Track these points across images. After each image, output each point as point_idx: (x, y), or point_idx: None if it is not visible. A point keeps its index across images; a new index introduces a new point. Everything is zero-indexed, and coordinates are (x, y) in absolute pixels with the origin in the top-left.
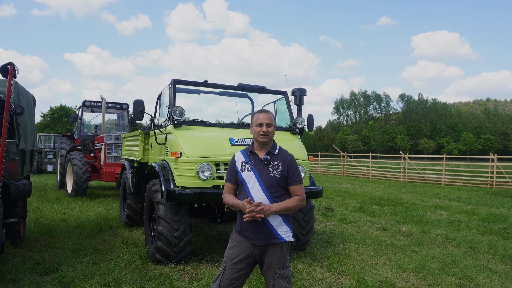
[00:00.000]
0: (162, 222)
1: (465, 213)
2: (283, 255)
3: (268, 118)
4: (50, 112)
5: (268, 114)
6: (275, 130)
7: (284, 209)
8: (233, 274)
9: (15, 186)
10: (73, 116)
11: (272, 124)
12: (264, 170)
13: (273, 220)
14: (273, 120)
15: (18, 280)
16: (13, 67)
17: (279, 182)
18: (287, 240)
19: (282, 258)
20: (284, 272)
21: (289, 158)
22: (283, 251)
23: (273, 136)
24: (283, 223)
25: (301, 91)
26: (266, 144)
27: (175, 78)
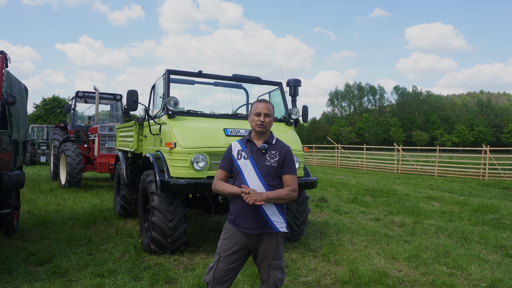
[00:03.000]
0: (156, 212)
1: (458, 204)
2: (278, 246)
3: (267, 108)
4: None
5: (267, 104)
6: (273, 121)
7: (276, 198)
8: (227, 265)
9: (7, 176)
10: (66, 107)
11: (270, 114)
12: (261, 158)
13: (268, 209)
14: (272, 111)
15: (12, 271)
16: (4, 56)
17: (276, 171)
18: (281, 230)
19: (277, 249)
20: (279, 263)
21: (286, 149)
22: (277, 242)
23: (271, 126)
24: (278, 213)
25: (296, 82)
26: (263, 134)
27: (169, 69)
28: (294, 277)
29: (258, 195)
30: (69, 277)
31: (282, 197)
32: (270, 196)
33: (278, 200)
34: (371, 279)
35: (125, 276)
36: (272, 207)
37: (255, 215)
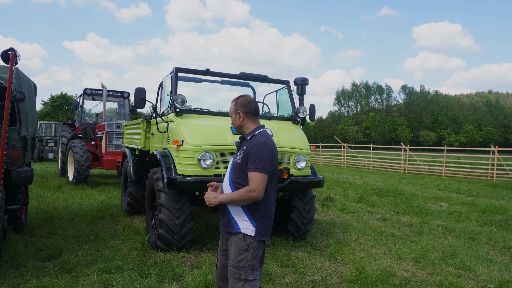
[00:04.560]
0: (163, 210)
1: (465, 204)
2: (237, 251)
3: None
4: (50, 100)
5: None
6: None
7: (229, 200)
8: (222, 261)
9: (16, 172)
10: (74, 104)
11: (229, 114)
12: (236, 155)
13: (232, 208)
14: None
15: (20, 266)
16: (14, 53)
17: (240, 168)
18: (242, 232)
19: (236, 254)
20: (237, 273)
21: (253, 143)
22: (237, 246)
23: (235, 124)
24: (243, 214)
25: (303, 81)
26: (240, 133)
27: (177, 66)
28: (301, 275)
29: (212, 197)
30: (77, 272)
31: (236, 199)
32: (221, 200)
33: (233, 203)
34: (377, 278)
35: (132, 273)
36: (237, 206)
37: (223, 212)
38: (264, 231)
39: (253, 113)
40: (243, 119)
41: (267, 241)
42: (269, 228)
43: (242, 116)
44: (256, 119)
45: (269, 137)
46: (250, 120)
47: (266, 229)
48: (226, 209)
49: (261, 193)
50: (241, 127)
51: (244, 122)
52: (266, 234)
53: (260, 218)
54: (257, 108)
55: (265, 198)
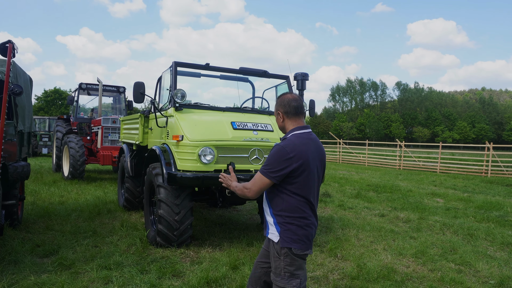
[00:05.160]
0: (163, 205)
1: (462, 200)
2: (272, 257)
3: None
4: (44, 95)
5: None
6: (278, 118)
7: (234, 189)
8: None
9: (13, 167)
10: (69, 99)
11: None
12: None
13: (265, 208)
14: (274, 109)
15: (18, 262)
16: (12, 45)
17: None
18: (269, 237)
19: (272, 260)
20: (275, 280)
21: (274, 147)
22: (271, 252)
23: (278, 126)
24: (270, 217)
25: (303, 76)
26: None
27: (177, 61)
28: None
29: (229, 179)
30: (76, 269)
31: (236, 190)
32: (232, 186)
33: (236, 192)
34: (379, 274)
35: (132, 269)
36: (266, 206)
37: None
38: (290, 238)
39: (294, 112)
40: (283, 120)
41: (295, 249)
42: (299, 235)
43: (282, 116)
44: (298, 120)
45: (296, 141)
46: (291, 121)
47: (293, 236)
48: (264, 210)
49: (252, 194)
50: (283, 129)
51: (285, 123)
52: (295, 242)
53: (284, 223)
54: (299, 107)
55: (289, 203)
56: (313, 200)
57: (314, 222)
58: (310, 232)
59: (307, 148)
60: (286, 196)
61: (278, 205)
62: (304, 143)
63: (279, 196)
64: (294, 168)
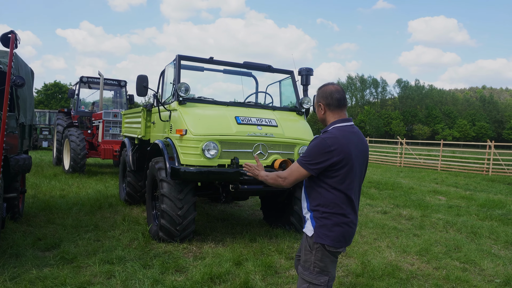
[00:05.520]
0: (166, 200)
1: (464, 198)
2: (304, 250)
3: None
4: (44, 88)
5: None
6: (319, 110)
7: (264, 178)
8: (298, 251)
9: (15, 160)
10: (70, 92)
11: (314, 106)
12: None
13: (303, 202)
14: (315, 100)
15: (20, 256)
16: (14, 36)
17: None
18: (304, 231)
19: (304, 253)
20: (303, 273)
21: (315, 139)
22: (304, 244)
23: (318, 117)
24: (307, 212)
25: (307, 71)
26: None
27: (180, 54)
28: None
29: (256, 168)
30: (78, 263)
31: (268, 179)
32: (261, 175)
33: (266, 182)
34: (384, 272)
35: (135, 264)
36: (304, 200)
37: None
38: (324, 234)
39: (336, 105)
40: (324, 112)
41: (328, 245)
42: (334, 231)
43: (323, 108)
44: (340, 112)
45: (338, 134)
46: (332, 113)
47: (328, 232)
48: (301, 204)
49: (287, 183)
50: (324, 121)
51: (326, 115)
52: (329, 238)
53: (320, 218)
54: (342, 100)
55: (327, 198)
56: (353, 196)
57: (354, 220)
58: (347, 230)
59: (349, 141)
60: (324, 190)
61: (315, 200)
62: (346, 136)
63: (317, 191)
64: (334, 162)
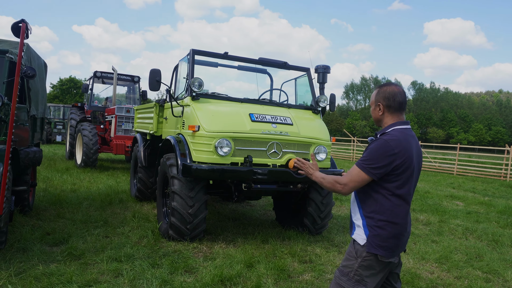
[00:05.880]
0: (176, 197)
1: (482, 204)
2: (346, 254)
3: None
4: (59, 83)
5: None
6: (377, 110)
7: (319, 180)
8: None
9: (25, 153)
10: (84, 87)
11: (371, 103)
12: None
13: (352, 207)
14: (374, 98)
15: (27, 250)
16: (25, 25)
17: None
18: (353, 237)
19: (345, 257)
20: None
21: (375, 141)
22: (348, 249)
23: (376, 116)
24: (359, 218)
25: (324, 68)
26: (379, 127)
27: (194, 48)
28: (320, 273)
29: (311, 167)
30: (86, 259)
31: (324, 183)
32: (315, 175)
33: (322, 185)
34: (402, 280)
35: (143, 262)
36: (354, 205)
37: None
38: (378, 244)
39: (397, 107)
40: (383, 113)
41: (381, 256)
42: (389, 242)
43: (382, 109)
44: (400, 115)
45: (400, 137)
46: (391, 116)
47: (382, 242)
48: (350, 210)
49: (347, 190)
50: (379, 122)
51: (383, 116)
52: (383, 248)
53: (374, 227)
54: (403, 103)
55: (383, 205)
56: (409, 203)
57: (408, 229)
58: (402, 240)
59: (410, 145)
60: (381, 197)
61: (371, 206)
62: (407, 140)
63: (373, 197)
64: (397, 165)
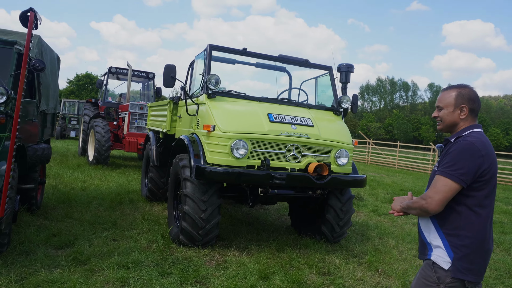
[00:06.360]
0: (188, 201)
1: (506, 213)
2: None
3: (438, 99)
4: (76, 79)
5: (442, 94)
6: (459, 113)
7: (406, 207)
8: None
9: (33, 150)
10: (98, 82)
11: (441, 106)
12: (436, 164)
13: (422, 223)
14: (447, 101)
15: (30, 253)
16: (34, 15)
17: None
18: (432, 259)
19: (419, 283)
20: None
21: (455, 145)
22: (423, 273)
23: (448, 121)
24: (436, 237)
25: (348, 67)
26: (447, 132)
27: (212, 44)
28: (340, 287)
29: (398, 202)
30: (91, 266)
31: (410, 205)
32: (402, 205)
33: (409, 211)
34: None
35: (152, 270)
36: (427, 221)
37: (419, 235)
38: (467, 266)
39: (477, 111)
40: (466, 116)
41: (468, 282)
42: (476, 264)
43: (466, 112)
44: (475, 119)
45: (482, 139)
46: (471, 119)
47: (471, 265)
48: (419, 228)
49: (435, 205)
50: (454, 126)
51: (463, 120)
52: (471, 272)
53: (460, 247)
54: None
55: (469, 219)
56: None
57: (492, 246)
58: (488, 260)
59: (492, 149)
60: (466, 209)
61: (453, 222)
62: (489, 143)
63: (456, 210)
64: (484, 170)
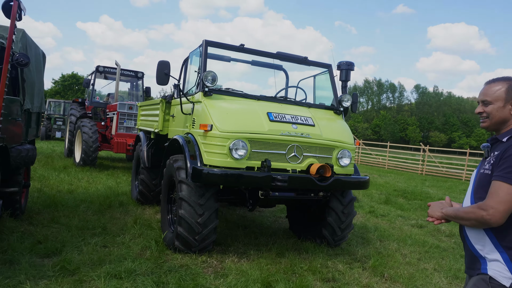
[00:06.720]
0: (184, 205)
1: None
2: None
3: (484, 93)
4: (61, 79)
5: (486, 88)
6: (500, 108)
7: (455, 215)
8: None
9: (17, 151)
10: (85, 81)
11: (488, 101)
12: (482, 164)
13: (472, 235)
14: (495, 95)
15: (13, 263)
16: (18, 4)
17: (489, 181)
18: (488, 273)
19: None
20: None
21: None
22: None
23: (497, 117)
24: (492, 250)
25: (348, 65)
26: (490, 129)
27: (207, 39)
28: None
29: (438, 209)
30: (80, 276)
31: (462, 215)
32: (447, 213)
33: (459, 221)
34: None
35: (147, 280)
36: (480, 233)
37: (465, 247)
38: None
39: None
40: None
41: None
42: None
43: None
44: None
45: None
46: None
47: None
48: (466, 240)
49: (499, 217)
50: (504, 123)
51: None
52: None
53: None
54: None
55: None
56: None
57: None
58: None
59: None
60: None
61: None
62: None
63: None
64: None
